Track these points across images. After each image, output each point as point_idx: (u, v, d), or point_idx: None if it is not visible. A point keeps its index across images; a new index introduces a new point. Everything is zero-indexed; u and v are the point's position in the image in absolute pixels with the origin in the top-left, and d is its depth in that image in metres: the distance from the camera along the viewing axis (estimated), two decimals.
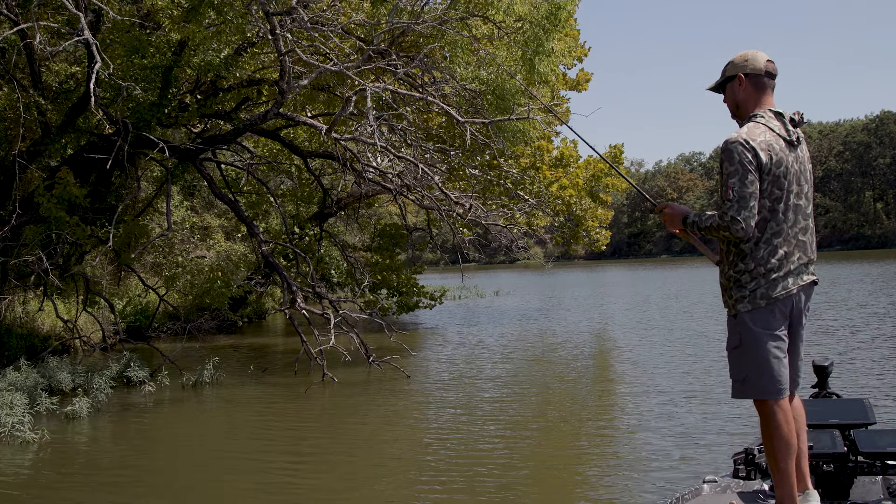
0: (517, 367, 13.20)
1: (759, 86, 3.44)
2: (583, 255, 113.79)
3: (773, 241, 3.29)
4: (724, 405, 9.02)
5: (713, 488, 3.72)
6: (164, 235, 13.05)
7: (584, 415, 9.37)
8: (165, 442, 8.88)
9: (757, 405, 3.33)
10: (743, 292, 3.30)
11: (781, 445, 3.22)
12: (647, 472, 6.60)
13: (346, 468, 7.29)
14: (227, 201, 14.14)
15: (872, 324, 16.46)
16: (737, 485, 3.73)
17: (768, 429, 3.26)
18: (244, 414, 10.27)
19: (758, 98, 3.44)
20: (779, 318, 3.30)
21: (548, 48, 13.83)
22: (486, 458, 7.35)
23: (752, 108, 3.44)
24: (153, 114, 14.15)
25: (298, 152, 15.92)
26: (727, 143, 3.29)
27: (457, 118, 12.03)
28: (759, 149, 3.24)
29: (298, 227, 19.89)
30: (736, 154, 3.24)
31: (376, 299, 21.02)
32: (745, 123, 3.41)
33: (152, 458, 8.01)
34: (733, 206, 3.20)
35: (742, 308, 3.30)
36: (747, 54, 3.47)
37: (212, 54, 13.46)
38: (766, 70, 3.44)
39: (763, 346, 3.27)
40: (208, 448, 8.54)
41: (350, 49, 14.17)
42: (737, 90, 3.47)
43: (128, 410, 10.52)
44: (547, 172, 20.16)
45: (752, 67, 3.44)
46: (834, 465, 3.59)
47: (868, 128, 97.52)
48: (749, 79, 3.44)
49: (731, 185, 3.21)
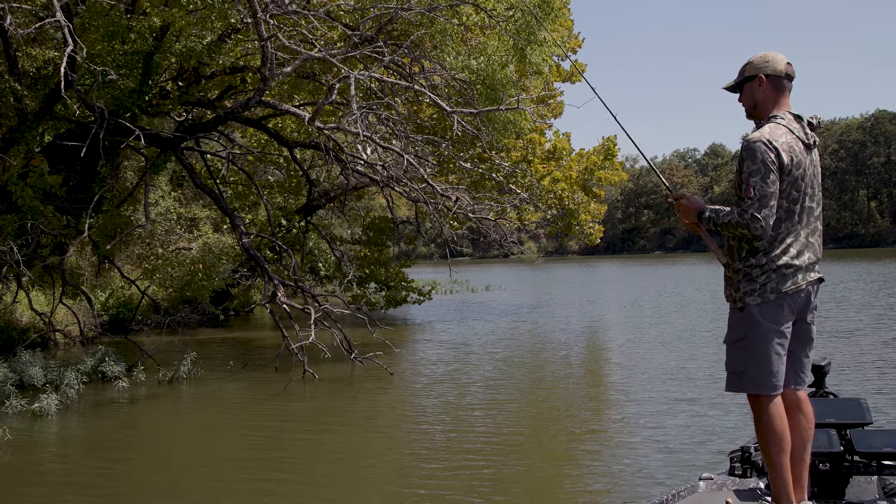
0: (505, 365, 12.84)
1: (778, 87, 3.44)
2: (576, 251, 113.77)
3: (786, 239, 3.32)
4: (720, 402, 8.90)
5: (709, 485, 3.72)
6: (143, 226, 12.63)
7: (578, 410, 9.20)
8: (134, 441, 8.49)
9: (751, 400, 3.34)
10: (753, 286, 3.31)
11: (775, 441, 3.23)
12: (642, 469, 6.53)
13: (324, 470, 6.93)
14: (208, 192, 13.74)
15: (870, 323, 16.33)
16: (733, 482, 3.73)
17: (762, 424, 3.28)
18: (220, 412, 9.90)
19: (776, 99, 3.44)
20: (787, 314, 3.30)
21: (540, 37, 13.48)
22: (473, 458, 7.09)
23: (770, 109, 3.45)
24: (133, 101, 13.75)
25: (284, 143, 15.51)
26: (750, 142, 3.28)
27: (444, 108, 11.65)
28: (781, 150, 3.25)
29: (286, 219, 19.52)
30: (759, 153, 3.24)
31: (364, 293, 20.65)
32: (764, 124, 3.40)
33: (118, 459, 7.61)
34: (754, 205, 3.21)
35: (752, 301, 3.30)
36: (767, 55, 3.46)
37: (194, 40, 13.07)
38: (786, 72, 3.44)
39: (767, 341, 3.28)
40: (180, 447, 8.16)
41: (339, 38, 13.80)
42: (756, 91, 3.46)
43: (99, 407, 10.12)
44: (539, 166, 19.82)
45: (772, 69, 3.43)
46: (830, 464, 3.58)
47: (863, 126, 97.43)
48: (769, 80, 3.44)
49: (753, 183, 3.22)
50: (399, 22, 13.73)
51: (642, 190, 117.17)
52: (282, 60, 12.55)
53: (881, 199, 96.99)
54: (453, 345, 15.70)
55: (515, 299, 29.21)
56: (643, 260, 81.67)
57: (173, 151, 13.88)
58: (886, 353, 12.47)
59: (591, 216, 21.46)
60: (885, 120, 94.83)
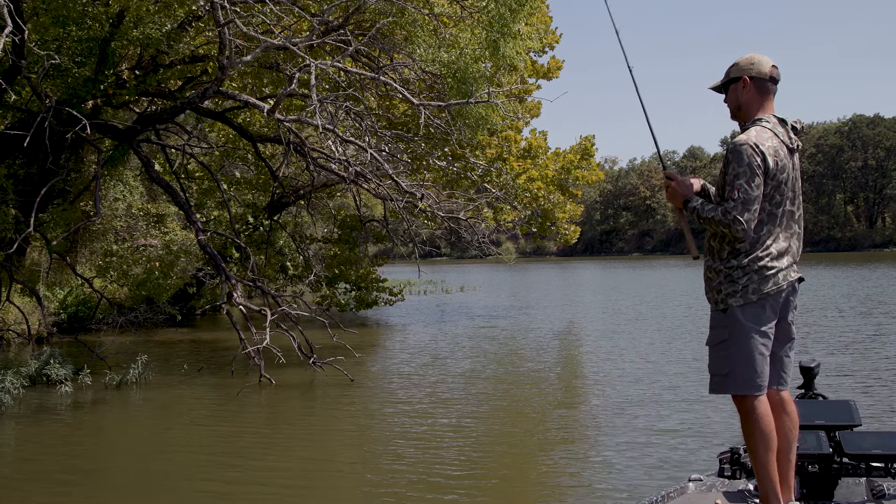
0: (473, 371, 12.30)
1: (763, 90, 3.44)
2: (554, 252, 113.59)
3: (767, 241, 3.32)
4: (709, 403, 8.83)
5: (698, 487, 3.72)
6: (92, 220, 11.96)
7: (559, 413, 9.05)
8: (69, 452, 7.83)
9: (736, 401, 3.34)
10: (735, 287, 3.30)
11: (762, 440, 3.23)
12: (631, 470, 6.47)
13: (277, 482, 6.36)
14: (164, 186, 13.10)
15: (859, 326, 16.37)
16: (722, 484, 3.73)
17: (748, 424, 3.27)
18: (166, 420, 9.27)
19: (761, 102, 3.44)
20: (769, 314, 3.30)
21: (514, 30, 12.97)
22: (443, 465, 6.72)
23: (754, 111, 3.45)
24: (88, 90, 13.12)
25: (249, 137, 14.88)
26: (737, 144, 3.28)
27: (412, 100, 11.12)
28: (767, 154, 3.26)
29: (253, 216, 18.89)
30: (745, 156, 3.24)
31: (333, 294, 20.04)
32: (749, 127, 3.40)
33: (47, 472, 6.98)
34: (737, 207, 3.21)
35: (734, 303, 3.29)
36: (753, 57, 3.47)
37: (152, 27, 12.45)
38: (771, 75, 3.44)
39: (751, 342, 3.27)
40: (118, 459, 7.55)
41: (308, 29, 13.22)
42: (740, 93, 3.46)
43: (37, 414, 9.45)
44: (514, 164, 19.31)
45: (757, 71, 3.44)
46: (819, 466, 3.58)
47: (841, 131, 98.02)
48: (754, 82, 3.44)
49: (738, 185, 3.22)
50: (369, 12, 13.17)
51: (621, 192, 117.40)
52: (244, 49, 11.97)
53: (857, 203, 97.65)
54: (420, 348, 15.17)
55: (489, 301, 28.73)
56: (621, 262, 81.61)
57: (129, 144, 13.23)
58: (875, 354, 12.44)
59: (567, 216, 20.99)
60: (863, 124, 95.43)
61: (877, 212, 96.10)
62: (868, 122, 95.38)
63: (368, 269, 20.07)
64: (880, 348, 13.19)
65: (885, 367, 11.25)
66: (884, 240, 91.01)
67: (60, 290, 19.30)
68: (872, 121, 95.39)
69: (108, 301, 13.69)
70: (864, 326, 16.36)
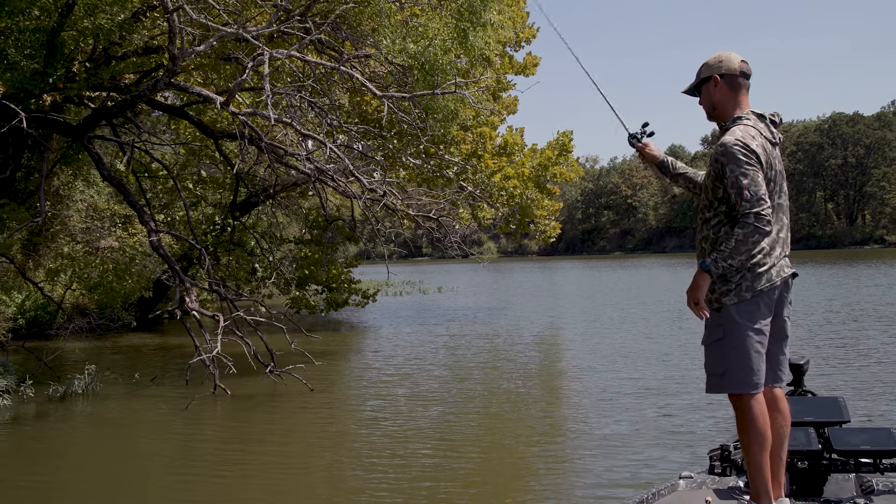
0: (445, 376, 11.69)
1: (735, 86, 3.43)
2: (536, 251, 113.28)
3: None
4: (699, 401, 8.77)
5: (689, 484, 3.73)
6: (35, 221, 11.24)
7: (547, 411, 8.99)
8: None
9: (733, 399, 3.33)
10: (729, 286, 3.29)
11: (757, 439, 3.22)
12: (621, 468, 6.42)
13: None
14: (116, 184, 12.40)
15: (847, 323, 16.30)
16: (712, 481, 3.74)
17: (744, 423, 3.26)
18: (112, 434, 8.58)
19: (735, 99, 3.43)
20: (763, 311, 3.29)
21: (484, 18, 12.38)
22: (419, 476, 6.31)
23: (730, 109, 3.43)
24: (36, 83, 12.41)
25: (209, 132, 14.18)
26: (729, 146, 3.25)
27: (374, 91, 10.51)
28: (758, 151, 3.25)
29: (220, 217, 18.20)
30: (741, 156, 3.22)
31: (303, 296, 19.37)
32: (731, 126, 3.38)
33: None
34: (755, 205, 3.18)
35: (728, 301, 3.29)
36: (721, 55, 3.46)
37: (103, 17, 11.78)
38: (741, 70, 3.43)
39: (746, 340, 3.26)
40: (54, 479, 6.87)
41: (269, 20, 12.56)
42: (713, 92, 3.45)
43: None
44: (489, 161, 18.71)
45: (726, 68, 3.42)
46: (808, 462, 3.59)
47: (820, 129, 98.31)
48: (724, 79, 3.42)
49: (746, 185, 3.19)
50: (332, 1, 12.55)
51: (602, 190, 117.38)
52: (199, 39, 11.31)
53: (838, 200, 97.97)
54: (390, 353, 14.54)
55: (467, 302, 28.13)
56: (602, 260, 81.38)
57: (79, 141, 12.52)
58: (865, 351, 12.29)
59: (545, 213, 20.42)
60: (842, 122, 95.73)
61: (857, 209, 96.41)
62: (848, 120, 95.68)
63: (340, 270, 19.42)
64: (868, 345, 12.98)
65: (873, 364, 11.07)
66: (864, 237, 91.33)
67: (18, 294, 18.52)
68: (852, 118, 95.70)
69: (58, 305, 12.94)
70: (856, 323, 16.22)
